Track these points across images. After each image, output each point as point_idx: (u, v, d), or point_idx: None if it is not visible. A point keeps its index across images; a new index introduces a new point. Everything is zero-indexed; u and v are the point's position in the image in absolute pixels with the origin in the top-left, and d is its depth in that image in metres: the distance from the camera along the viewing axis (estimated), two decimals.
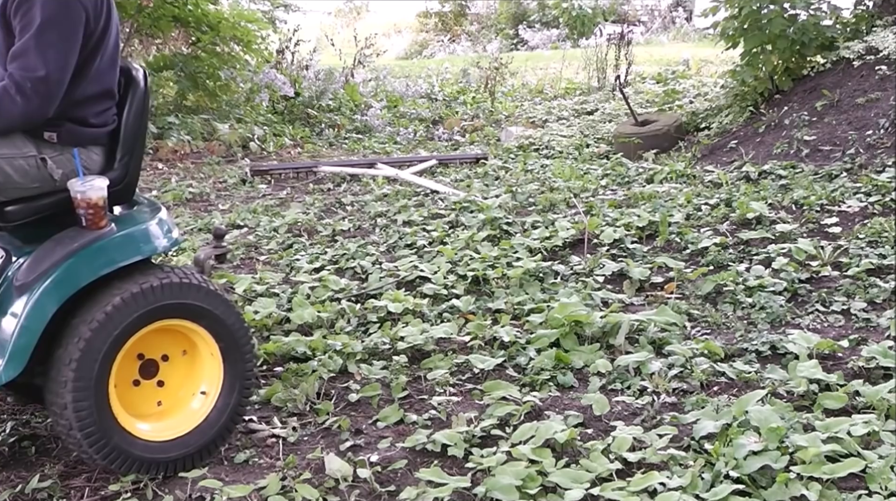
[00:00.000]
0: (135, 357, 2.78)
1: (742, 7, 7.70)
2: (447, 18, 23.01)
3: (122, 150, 2.82)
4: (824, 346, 3.42)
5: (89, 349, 2.57)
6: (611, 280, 4.40)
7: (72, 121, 2.68)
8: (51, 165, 2.66)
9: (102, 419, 2.63)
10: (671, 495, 2.44)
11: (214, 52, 9.71)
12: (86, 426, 2.60)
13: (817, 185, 5.71)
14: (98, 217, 2.66)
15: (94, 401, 2.60)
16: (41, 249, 2.63)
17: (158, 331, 2.75)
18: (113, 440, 2.65)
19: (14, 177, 2.60)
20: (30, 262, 2.60)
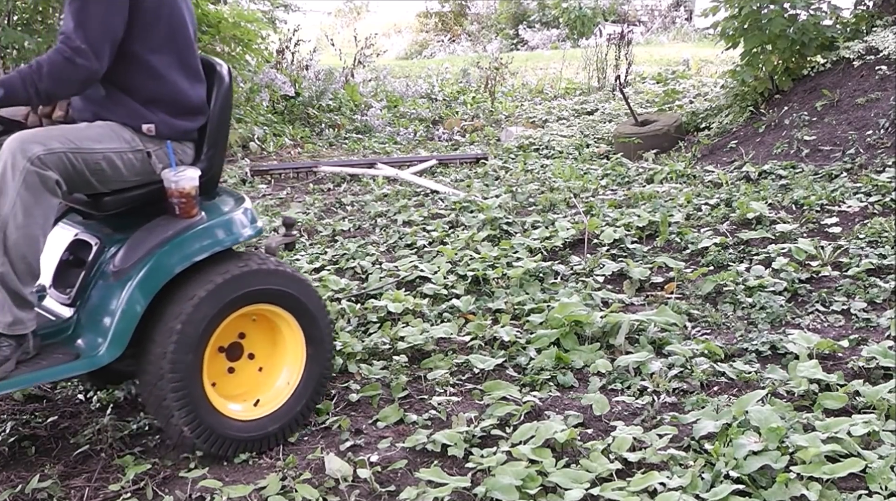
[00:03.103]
0: (222, 341, 2.90)
1: (742, 7, 7.69)
2: (447, 18, 23.02)
3: (207, 143, 2.94)
4: (824, 346, 3.42)
5: (185, 336, 2.69)
6: (611, 280, 4.40)
7: (167, 112, 2.80)
8: (154, 159, 2.80)
9: (199, 404, 2.75)
10: (671, 495, 2.44)
11: (214, 52, 9.69)
12: (186, 413, 2.72)
13: (817, 185, 5.71)
14: (190, 206, 2.80)
15: (192, 386, 2.72)
16: (135, 236, 2.75)
17: (242, 315, 2.86)
18: (209, 422, 2.78)
19: (122, 170, 2.75)
20: (125, 249, 2.73)
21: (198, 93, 2.88)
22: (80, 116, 2.82)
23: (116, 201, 2.81)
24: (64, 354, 2.66)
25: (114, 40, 2.63)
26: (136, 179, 2.81)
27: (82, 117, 2.80)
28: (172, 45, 2.78)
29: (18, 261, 2.55)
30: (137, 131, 2.77)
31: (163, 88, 2.78)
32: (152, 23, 2.71)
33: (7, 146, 2.56)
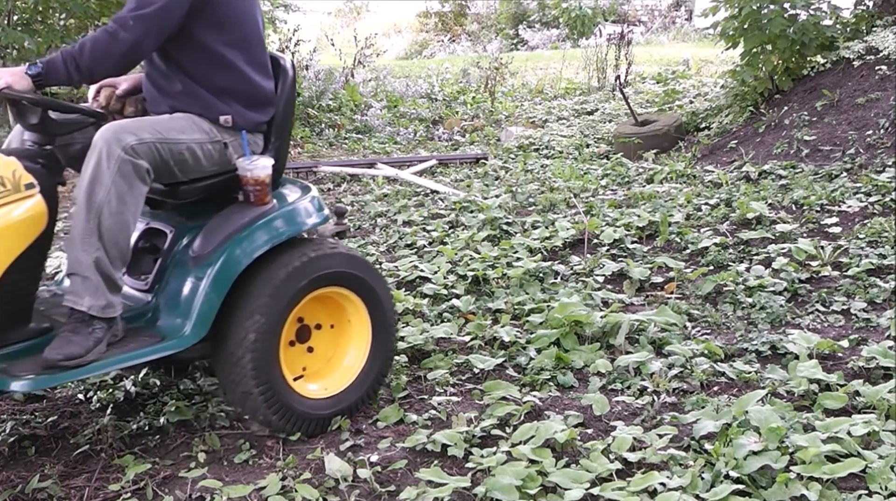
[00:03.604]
0: (294, 322, 2.99)
1: (742, 7, 7.69)
2: (447, 18, 23.02)
3: (275, 134, 3.07)
4: (824, 346, 3.42)
5: (266, 317, 2.80)
6: (611, 280, 4.40)
7: (241, 104, 2.91)
8: (230, 150, 2.92)
9: (277, 382, 2.86)
10: (671, 495, 2.44)
11: None
12: (265, 390, 2.82)
13: (817, 185, 5.71)
14: (263, 194, 2.91)
15: (271, 366, 2.84)
16: (211, 224, 2.87)
17: (311, 297, 2.97)
18: (285, 400, 2.89)
19: (202, 160, 2.87)
20: (202, 236, 2.85)
21: (268, 86, 2.99)
22: (155, 109, 2.91)
23: (192, 190, 2.92)
24: (149, 337, 2.77)
25: (165, 25, 2.70)
26: (214, 168, 2.92)
27: (157, 111, 2.89)
28: (245, 40, 2.89)
29: (112, 246, 2.65)
30: (215, 123, 2.88)
31: (236, 81, 2.89)
32: (226, 19, 2.82)
33: (101, 137, 2.65)
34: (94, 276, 2.64)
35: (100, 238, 2.63)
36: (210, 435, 2.98)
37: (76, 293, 2.64)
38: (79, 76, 2.68)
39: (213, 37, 2.81)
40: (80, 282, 2.65)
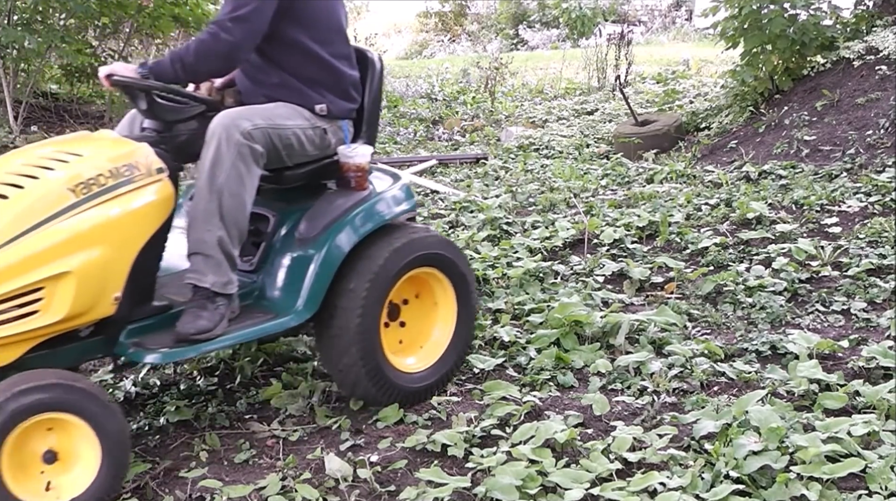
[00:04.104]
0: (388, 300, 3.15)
1: (742, 7, 7.69)
2: (447, 18, 23.01)
3: (365, 123, 3.28)
4: (824, 346, 3.42)
5: (371, 295, 2.99)
6: (611, 280, 4.40)
7: (333, 93, 3.11)
8: (329, 136, 3.12)
9: (378, 357, 3.04)
10: (671, 495, 2.44)
11: None
12: (368, 363, 3.00)
13: (817, 185, 5.71)
14: (363, 179, 3.13)
15: (373, 341, 3.03)
16: (314, 208, 3.06)
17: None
18: (384, 374, 3.06)
19: (306, 145, 3.05)
20: (307, 220, 3.03)
21: (354, 76, 3.20)
22: (250, 100, 3.07)
23: (295, 176, 3.10)
24: (262, 313, 2.95)
25: (260, 26, 2.90)
26: (315, 153, 3.10)
27: (253, 102, 3.05)
28: (333, 36, 3.10)
29: (232, 226, 2.83)
30: (311, 111, 3.07)
31: (327, 73, 3.09)
32: (311, 17, 3.03)
33: (219, 123, 2.83)
34: (217, 254, 2.82)
35: (221, 219, 2.81)
36: (210, 435, 2.98)
37: (200, 271, 2.82)
38: (184, 74, 2.87)
39: (300, 33, 3.01)
40: (202, 261, 2.82)
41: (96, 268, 2.59)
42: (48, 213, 2.53)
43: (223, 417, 3.11)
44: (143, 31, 9.68)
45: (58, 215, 2.54)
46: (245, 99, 3.12)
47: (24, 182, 2.58)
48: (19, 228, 2.49)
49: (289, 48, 3.02)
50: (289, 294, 2.96)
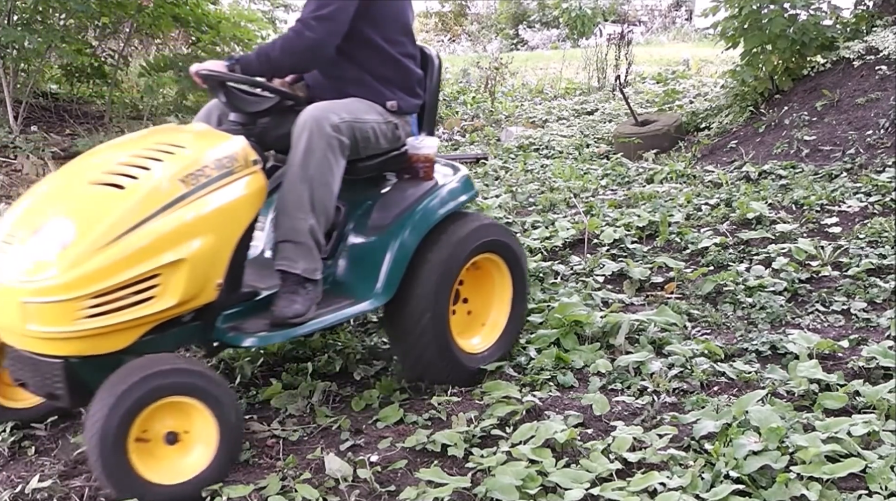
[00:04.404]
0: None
1: (742, 7, 7.69)
2: (447, 18, 23.00)
3: (426, 118, 3.46)
4: (824, 346, 3.42)
5: (443, 279, 3.15)
6: (611, 280, 4.40)
7: (402, 90, 3.27)
8: (399, 130, 3.27)
9: (447, 337, 3.20)
10: (671, 495, 2.44)
11: (214, 52, 9.69)
12: (440, 346, 3.17)
13: (817, 185, 5.71)
14: (430, 170, 3.31)
15: (444, 323, 3.18)
16: (385, 198, 3.24)
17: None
18: (453, 355, 3.23)
19: (380, 139, 3.19)
20: (378, 209, 3.20)
21: (420, 75, 3.37)
22: (322, 95, 3.16)
23: (366, 167, 3.22)
24: (342, 298, 3.08)
25: (341, 24, 3.04)
26: (386, 147, 3.24)
27: (325, 97, 3.14)
28: (400, 35, 3.25)
29: (321, 214, 2.97)
30: (383, 107, 3.21)
31: (397, 71, 3.25)
32: (384, 17, 3.17)
33: (309, 116, 2.97)
34: (309, 241, 2.95)
35: (312, 207, 2.94)
36: None
37: (290, 258, 2.95)
38: (269, 69, 3.04)
39: (374, 33, 3.16)
40: (293, 248, 2.95)
41: (205, 256, 2.71)
42: (163, 203, 2.63)
43: None
44: (143, 31, 9.69)
45: (171, 205, 2.64)
46: (316, 94, 3.21)
47: (137, 173, 2.68)
48: (138, 217, 2.58)
49: (364, 47, 3.16)
50: (366, 280, 3.09)
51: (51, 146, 7.87)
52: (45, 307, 2.50)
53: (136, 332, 2.66)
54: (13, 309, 2.53)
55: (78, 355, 2.59)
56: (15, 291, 2.51)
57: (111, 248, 2.53)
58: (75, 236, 2.53)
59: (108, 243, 2.53)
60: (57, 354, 2.58)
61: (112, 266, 2.52)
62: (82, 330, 2.53)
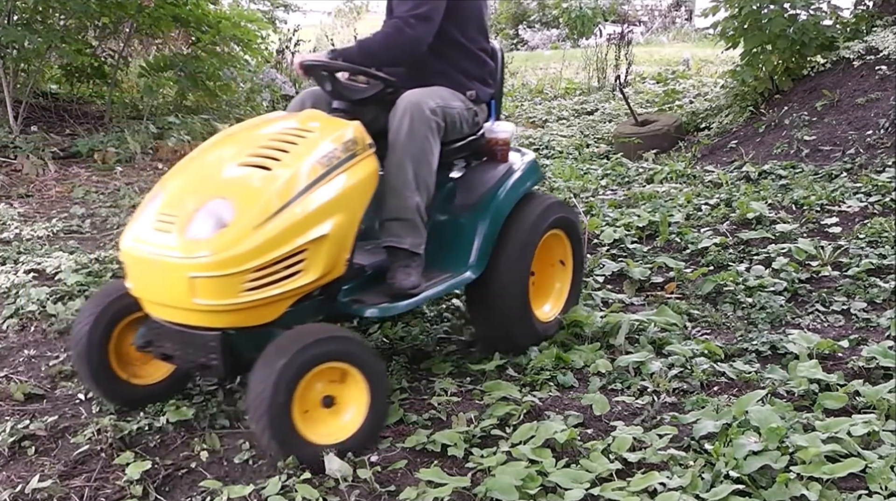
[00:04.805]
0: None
1: (742, 7, 7.70)
2: None
3: (493, 107, 3.69)
4: (824, 346, 3.42)
5: (523, 256, 3.42)
6: (611, 280, 4.40)
7: (478, 81, 3.51)
8: (478, 118, 3.52)
9: (528, 308, 3.50)
10: (671, 495, 2.44)
11: (214, 52, 9.69)
12: (523, 315, 3.46)
13: (817, 185, 5.71)
14: (507, 152, 3.59)
15: (526, 292, 3.46)
16: (466, 179, 3.50)
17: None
18: (531, 323, 3.52)
19: (463, 125, 3.42)
20: (462, 190, 3.47)
21: (493, 67, 3.63)
22: (406, 85, 3.30)
23: (452, 150, 3.41)
24: (438, 272, 3.28)
25: (435, 22, 3.26)
26: (468, 132, 3.47)
27: (408, 87, 3.28)
28: (477, 32, 3.51)
29: (424, 192, 3.18)
30: (464, 96, 3.43)
31: (476, 64, 3.51)
32: (466, 16, 3.43)
33: (408, 101, 3.18)
34: (415, 218, 3.16)
35: (417, 186, 3.15)
36: (210, 435, 2.98)
37: (398, 235, 3.17)
38: (370, 61, 3.21)
39: (457, 30, 3.40)
40: (401, 225, 3.17)
41: (340, 232, 2.90)
42: (306, 183, 2.81)
43: (223, 417, 3.11)
44: (143, 32, 9.69)
45: (313, 185, 2.82)
46: (401, 84, 3.34)
47: (278, 156, 2.85)
48: (287, 197, 2.76)
49: (448, 43, 3.38)
50: (459, 255, 3.34)
51: (51, 146, 7.87)
52: (212, 281, 2.66)
53: (284, 305, 2.84)
54: (180, 284, 2.67)
55: (234, 326, 2.77)
56: (183, 267, 2.66)
57: (267, 225, 2.70)
58: (234, 215, 2.70)
59: (264, 222, 2.70)
60: (216, 326, 2.74)
61: (269, 242, 2.70)
62: (242, 303, 2.70)
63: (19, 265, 4.75)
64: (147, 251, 2.74)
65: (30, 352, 3.75)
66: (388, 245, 3.18)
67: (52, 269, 4.66)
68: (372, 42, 3.25)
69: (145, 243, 2.75)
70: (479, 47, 3.52)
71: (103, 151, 7.97)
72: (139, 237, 2.78)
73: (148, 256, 2.73)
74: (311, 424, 2.71)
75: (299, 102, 3.41)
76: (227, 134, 3.12)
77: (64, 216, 6.05)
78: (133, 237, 2.80)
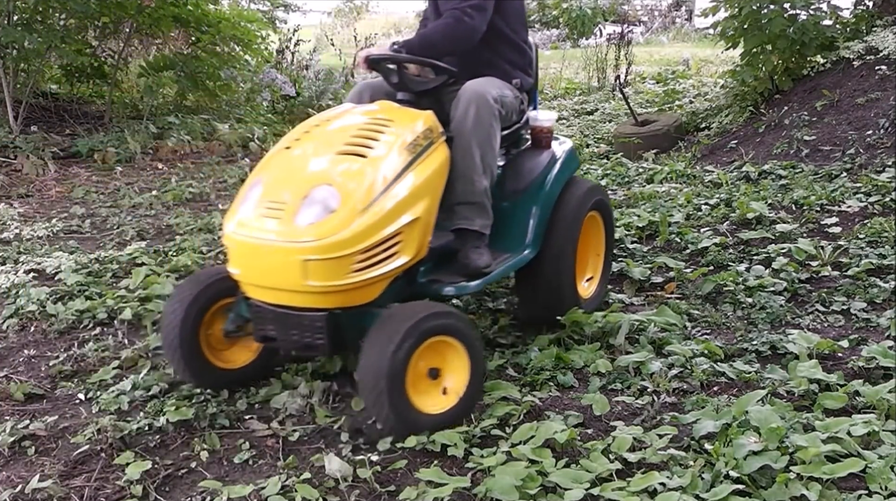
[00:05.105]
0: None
1: (742, 7, 7.70)
2: None
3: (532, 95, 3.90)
4: (824, 346, 3.42)
5: (571, 236, 3.66)
6: (611, 280, 4.40)
7: (522, 71, 3.71)
8: (523, 106, 3.74)
9: (575, 284, 3.75)
10: (671, 495, 2.44)
11: (214, 52, 9.70)
12: (569, 277, 3.68)
13: (817, 185, 5.71)
14: (550, 139, 3.80)
15: (574, 272, 3.71)
16: (514, 165, 3.69)
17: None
18: (580, 298, 3.80)
19: (513, 112, 3.61)
20: (511, 175, 3.66)
21: (532, 57, 3.82)
22: (458, 75, 3.44)
23: (503, 137, 3.53)
24: (499, 253, 3.48)
25: (488, 13, 3.47)
26: (514, 119, 3.66)
27: (460, 77, 3.44)
28: (521, 26, 3.74)
29: (489, 176, 3.37)
30: (510, 84, 3.60)
31: (519, 54, 3.71)
32: (513, 11, 3.65)
33: (472, 91, 3.35)
34: (483, 200, 3.36)
35: (483, 170, 3.33)
36: (210, 435, 2.98)
37: (468, 218, 3.35)
38: (431, 51, 3.37)
39: (503, 23, 3.60)
40: (470, 208, 3.35)
41: (427, 216, 3.10)
42: (399, 169, 3.01)
43: (223, 417, 3.11)
44: (143, 32, 9.70)
45: (405, 171, 3.02)
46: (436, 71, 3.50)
47: (370, 144, 3.03)
48: (385, 182, 2.95)
49: (496, 34, 3.57)
50: (515, 236, 3.56)
51: (51, 146, 7.87)
52: (324, 264, 2.83)
53: (382, 285, 3.03)
54: (293, 268, 2.83)
55: (341, 307, 2.93)
56: (297, 250, 2.82)
57: (371, 209, 2.89)
58: (340, 200, 2.87)
59: (367, 206, 2.89)
60: (325, 307, 2.90)
61: (373, 226, 2.89)
62: (350, 283, 2.88)
63: (19, 265, 4.76)
64: (257, 238, 2.88)
65: (30, 352, 3.75)
66: (458, 228, 3.35)
67: (52, 269, 4.66)
68: (433, 33, 3.42)
69: (255, 229, 2.90)
70: (521, 39, 3.72)
71: (103, 151, 7.97)
72: (247, 224, 2.93)
73: (258, 242, 2.88)
74: (420, 395, 2.87)
75: (357, 94, 3.58)
76: (303, 130, 3.23)
77: (64, 216, 6.06)
78: (239, 225, 2.95)
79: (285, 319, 2.94)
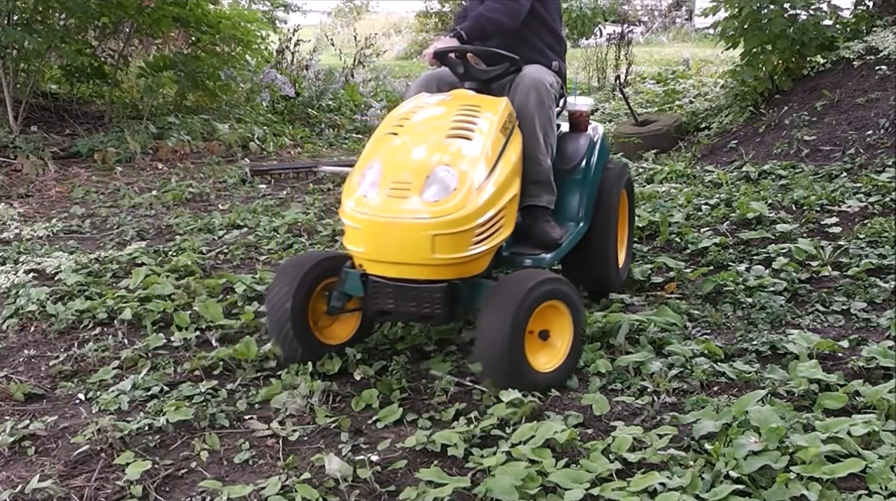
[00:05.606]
0: None
1: (742, 7, 7.70)
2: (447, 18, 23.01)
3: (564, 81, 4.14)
4: (824, 346, 3.42)
5: (612, 211, 3.98)
6: None
7: (560, 58, 3.96)
8: (562, 89, 3.93)
9: (616, 254, 4.08)
10: (671, 495, 2.44)
11: (214, 52, 9.71)
12: (614, 248, 4.03)
13: (817, 185, 5.71)
14: (587, 123, 4.06)
15: (615, 245, 4.05)
16: (561, 145, 3.86)
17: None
18: (619, 270, 4.12)
19: (557, 96, 3.80)
20: (560, 154, 3.83)
21: (566, 45, 4.06)
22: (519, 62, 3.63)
23: None
24: (558, 226, 3.73)
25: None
26: (557, 104, 3.85)
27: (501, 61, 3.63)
28: (555, 12, 3.97)
29: (550, 156, 3.65)
30: (550, 68, 3.84)
31: (556, 40, 3.95)
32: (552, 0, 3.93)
33: (532, 77, 3.61)
34: (549, 178, 3.64)
35: (547, 150, 3.60)
36: (210, 435, 2.98)
37: (537, 195, 3.62)
38: (492, 29, 3.66)
39: (543, 9, 3.85)
40: (537, 186, 3.61)
41: (517, 194, 3.39)
42: (500, 149, 3.29)
43: (223, 417, 3.11)
44: (143, 32, 9.69)
45: (503, 151, 3.30)
46: (491, 60, 3.68)
47: (471, 127, 3.27)
48: (491, 162, 3.22)
49: (537, 21, 3.83)
50: (568, 211, 3.85)
51: (51, 146, 7.88)
52: (450, 238, 3.09)
53: (489, 257, 3.30)
54: (422, 243, 3.08)
55: (458, 277, 3.18)
56: (427, 226, 3.07)
57: (485, 187, 3.16)
58: (458, 179, 3.12)
59: (482, 184, 3.16)
60: (446, 278, 3.14)
61: (488, 202, 3.16)
62: (469, 255, 3.15)
63: (19, 265, 4.76)
64: (386, 217, 3.11)
65: (30, 352, 3.75)
66: (529, 205, 3.60)
67: (52, 269, 4.66)
68: (487, 10, 3.65)
69: (381, 209, 3.12)
70: (558, 26, 3.96)
71: (103, 151, 7.97)
72: (372, 204, 3.14)
73: (387, 220, 3.10)
74: (534, 354, 3.13)
75: (423, 84, 3.76)
76: (401, 117, 3.43)
77: (64, 216, 6.06)
78: (362, 204, 3.16)
79: (405, 292, 3.16)
